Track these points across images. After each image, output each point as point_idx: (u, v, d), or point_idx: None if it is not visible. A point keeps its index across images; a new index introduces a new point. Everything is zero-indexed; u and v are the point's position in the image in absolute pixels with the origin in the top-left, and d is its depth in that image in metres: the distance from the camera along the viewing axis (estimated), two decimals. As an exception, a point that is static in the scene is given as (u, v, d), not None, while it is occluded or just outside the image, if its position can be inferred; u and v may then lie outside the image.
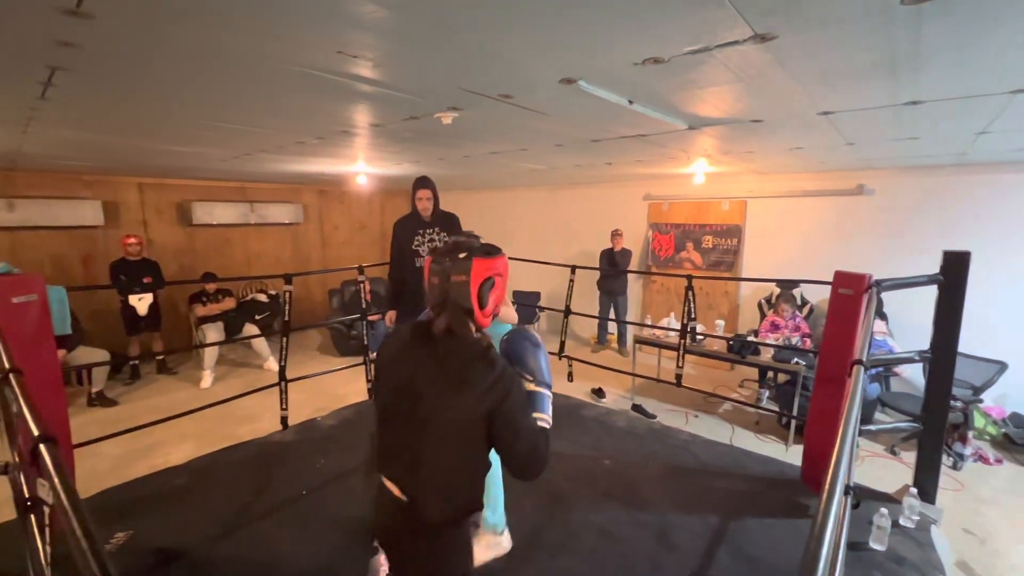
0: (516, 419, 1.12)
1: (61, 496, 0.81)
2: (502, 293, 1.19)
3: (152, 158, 3.76)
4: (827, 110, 2.13)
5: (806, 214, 5.09)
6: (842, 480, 0.87)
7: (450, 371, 1.12)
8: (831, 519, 0.78)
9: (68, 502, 0.79)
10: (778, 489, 2.70)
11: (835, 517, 0.78)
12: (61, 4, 1.06)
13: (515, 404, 1.11)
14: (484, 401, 1.08)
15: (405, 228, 3.20)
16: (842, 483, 0.87)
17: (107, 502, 2.51)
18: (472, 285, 1.11)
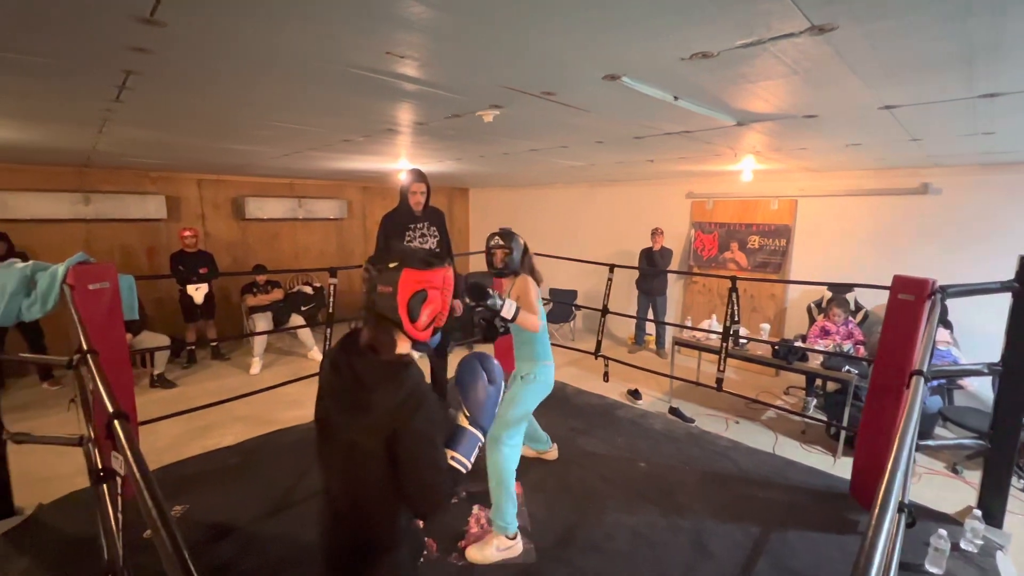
0: (415, 451, 1.02)
1: (133, 468, 0.87)
2: (439, 308, 1.11)
3: (211, 156, 3.98)
4: (890, 104, 2.00)
5: (863, 214, 4.81)
6: (896, 496, 0.82)
7: (358, 390, 1.04)
8: (882, 536, 0.74)
9: (139, 474, 0.86)
10: (825, 503, 2.58)
11: (887, 534, 0.74)
12: (137, 12, 1.13)
13: (416, 435, 1.01)
14: (382, 425, 1.00)
15: (395, 223, 3.09)
16: (895, 499, 0.82)
17: (166, 477, 2.69)
18: (399, 297, 1.05)
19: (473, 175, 6.11)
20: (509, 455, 2.19)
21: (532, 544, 2.21)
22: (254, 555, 2.09)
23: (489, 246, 2.31)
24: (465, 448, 1.11)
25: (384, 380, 1.04)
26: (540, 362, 2.32)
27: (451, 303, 1.16)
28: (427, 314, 1.08)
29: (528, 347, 2.34)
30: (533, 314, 2.18)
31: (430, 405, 1.05)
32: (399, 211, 3.13)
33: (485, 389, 1.15)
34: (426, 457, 1.04)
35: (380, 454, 1.01)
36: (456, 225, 8.79)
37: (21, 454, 2.34)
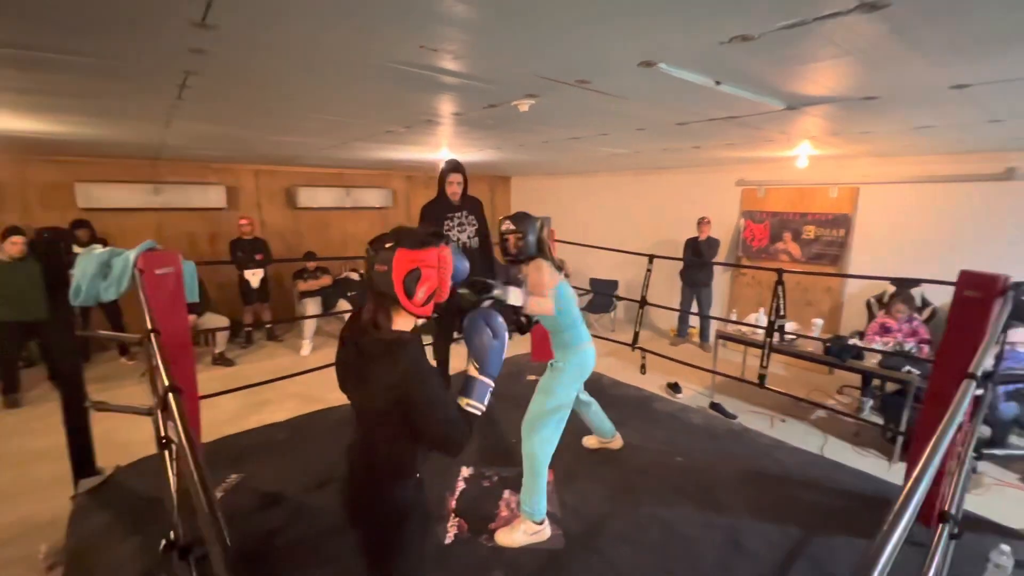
0: (421, 414, 1.14)
1: (181, 436, 0.96)
2: (435, 284, 1.18)
3: (265, 148, 4.20)
4: (962, 83, 1.83)
5: (936, 203, 4.43)
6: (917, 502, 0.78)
7: (362, 364, 1.18)
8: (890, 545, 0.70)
9: (186, 441, 0.94)
10: (875, 509, 2.44)
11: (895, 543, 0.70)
12: (191, 17, 1.22)
13: (419, 403, 1.13)
14: (387, 397, 1.13)
15: (433, 213, 3.13)
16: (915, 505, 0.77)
17: (224, 447, 2.92)
18: (394, 275, 1.12)
19: (514, 163, 6.11)
20: (541, 444, 2.18)
21: (561, 531, 2.24)
22: (303, 523, 2.24)
23: (501, 232, 2.18)
24: (477, 395, 1.24)
25: (383, 356, 1.14)
26: (572, 347, 2.26)
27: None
28: (423, 291, 1.16)
29: (558, 334, 2.29)
30: (543, 298, 2.07)
31: (428, 378, 1.16)
32: (438, 201, 3.18)
33: (489, 340, 1.25)
34: (434, 417, 1.16)
35: (392, 415, 1.15)
36: (498, 214, 8.84)
37: (103, 420, 2.60)
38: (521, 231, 2.14)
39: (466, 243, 3.21)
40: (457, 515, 2.34)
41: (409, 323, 1.23)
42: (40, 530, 2.49)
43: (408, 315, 1.20)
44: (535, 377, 4.25)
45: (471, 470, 2.72)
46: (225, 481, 2.55)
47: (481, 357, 1.25)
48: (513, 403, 3.60)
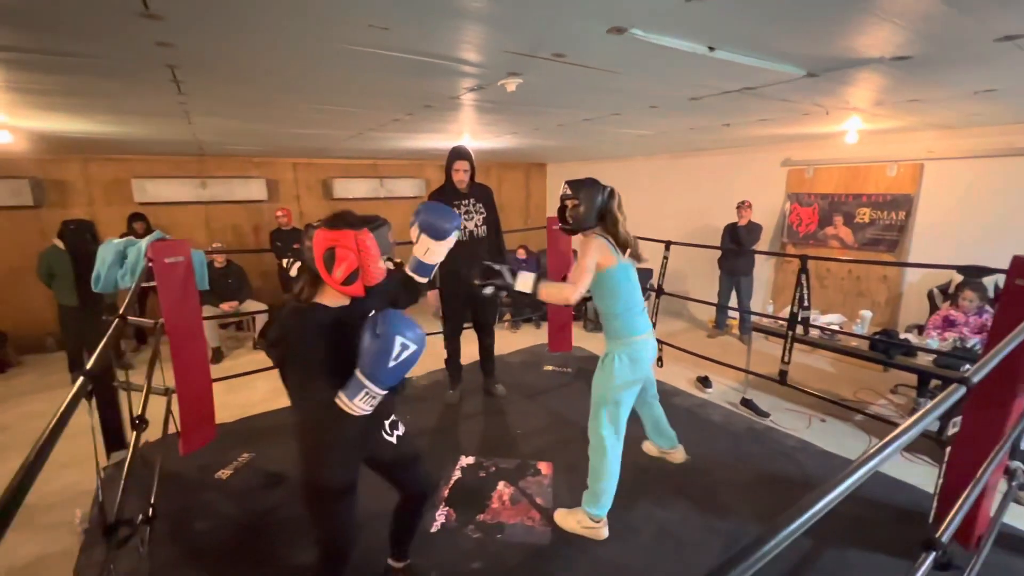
0: (288, 368, 1.36)
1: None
2: (354, 265, 1.28)
3: (287, 140, 4.35)
4: (1011, 33, 1.54)
5: (1011, 180, 3.87)
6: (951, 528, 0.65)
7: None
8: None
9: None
10: (903, 523, 2.19)
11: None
12: (133, 8, 1.23)
13: (287, 358, 1.34)
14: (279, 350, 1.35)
15: (440, 200, 3.02)
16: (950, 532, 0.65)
17: (243, 427, 3.08)
18: (315, 252, 1.28)
19: (547, 149, 5.97)
20: (598, 443, 2.05)
21: (550, 526, 2.18)
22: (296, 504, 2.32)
23: (560, 196, 2.03)
24: (348, 391, 1.25)
25: (287, 315, 1.34)
26: (621, 338, 2.03)
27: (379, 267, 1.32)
28: (341, 270, 1.27)
29: (608, 322, 2.07)
30: (570, 282, 1.86)
31: (297, 342, 1.31)
32: (444, 189, 3.11)
33: (369, 341, 1.25)
34: (292, 375, 1.37)
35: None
36: (533, 200, 8.73)
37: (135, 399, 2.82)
38: (577, 197, 1.96)
39: (473, 231, 3.15)
40: (448, 504, 2.33)
41: (338, 299, 1.36)
42: (82, 497, 2.74)
43: (335, 292, 1.34)
44: (552, 367, 4.20)
45: (470, 460, 2.70)
46: (237, 460, 2.69)
47: (361, 356, 1.26)
48: (524, 393, 3.56)
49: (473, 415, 3.28)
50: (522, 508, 2.29)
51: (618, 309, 2.03)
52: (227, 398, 3.86)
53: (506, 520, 2.21)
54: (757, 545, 0.59)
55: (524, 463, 2.66)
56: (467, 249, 3.10)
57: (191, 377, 2.49)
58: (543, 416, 3.21)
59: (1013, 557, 1.99)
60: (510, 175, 8.34)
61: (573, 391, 3.61)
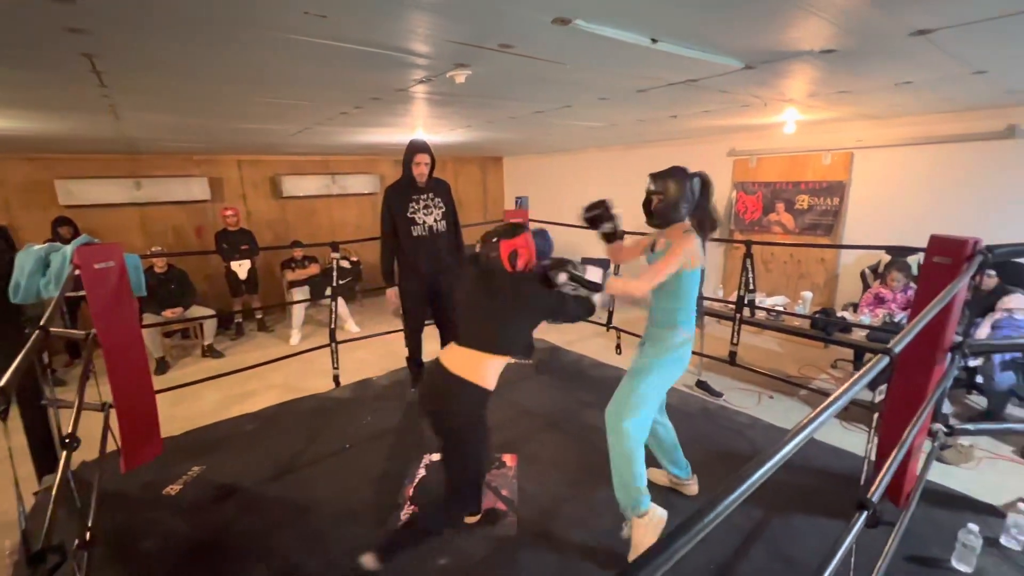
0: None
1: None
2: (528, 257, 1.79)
3: (235, 136, 4.13)
4: (922, 28, 1.66)
5: (933, 166, 4.19)
6: (881, 488, 0.68)
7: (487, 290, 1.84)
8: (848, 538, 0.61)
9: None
10: (845, 487, 2.36)
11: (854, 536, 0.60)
12: (37, -9, 1.13)
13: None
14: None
15: (398, 195, 3.01)
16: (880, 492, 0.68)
17: (193, 439, 2.93)
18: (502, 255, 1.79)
19: (502, 143, 5.95)
20: (632, 434, 1.87)
21: (515, 517, 2.20)
22: (252, 516, 2.24)
23: (646, 189, 1.98)
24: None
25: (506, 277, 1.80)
26: (680, 329, 1.94)
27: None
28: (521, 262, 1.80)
29: (665, 308, 1.93)
30: (642, 279, 1.76)
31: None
32: (402, 183, 3.04)
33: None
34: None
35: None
36: (490, 194, 8.70)
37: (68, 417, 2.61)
38: (661, 191, 1.89)
39: (432, 226, 3.08)
40: (413, 502, 2.31)
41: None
42: (11, 527, 2.53)
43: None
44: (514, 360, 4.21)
45: (435, 457, 2.68)
46: (186, 474, 2.56)
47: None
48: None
49: (436, 412, 3.26)
50: (488, 501, 2.30)
51: (683, 306, 1.95)
52: (174, 410, 3.66)
53: (472, 514, 2.21)
54: (700, 516, 0.62)
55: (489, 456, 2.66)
56: (427, 245, 3.06)
57: (130, 390, 2.34)
58: (506, 409, 3.23)
59: (936, 510, 2.17)
60: (466, 169, 8.27)
61: (534, 384, 3.65)
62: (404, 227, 3.00)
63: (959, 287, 1.57)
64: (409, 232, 3.00)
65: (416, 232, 3.00)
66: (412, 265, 3.05)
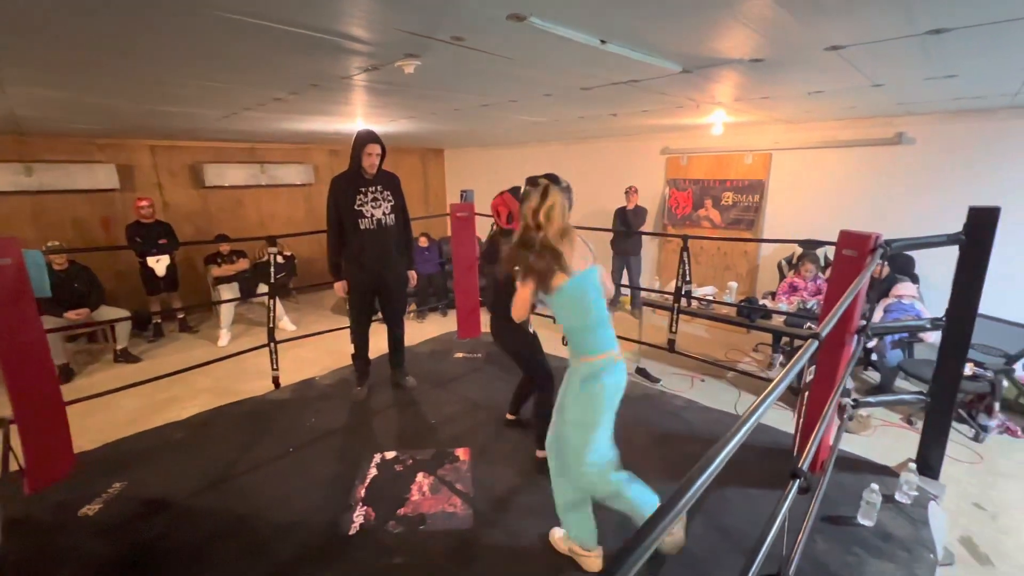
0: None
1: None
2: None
3: (149, 119, 3.76)
4: (835, 44, 1.85)
5: (838, 167, 4.67)
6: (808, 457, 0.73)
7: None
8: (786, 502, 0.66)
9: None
10: (770, 459, 2.59)
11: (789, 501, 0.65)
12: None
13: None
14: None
15: (346, 186, 2.87)
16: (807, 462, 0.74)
17: (111, 453, 2.66)
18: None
19: (444, 135, 5.87)
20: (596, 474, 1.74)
21: (471, 510, 2.21)
22: (186, 530, 2.08)
23: None
24: None
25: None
26: (580, 358, 1.73)
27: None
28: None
29: (569, 336, 1.76)
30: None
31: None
32: (350, 174, 2.89)
33: None
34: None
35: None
36: (432, 187, 8.57)
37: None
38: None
39: (381, 219, 2.97)
40: (365, 503, 2.25)
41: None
42: None
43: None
44: (462, 354, 4.21)
45: (387, 455, 2.63)
46: (106, 492, 2.32)
47: None
48: (435, 382, 3.53)
49: (385, 409, 3.19)
50: (443, 496, 2.30)
51: (577, 325, 1.75)
52: (87, 422, 3.31)
53: (427, 511, 2.20)
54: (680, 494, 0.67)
55: (441, 452, 2.66)
56: (375, 238, 2.96)
57: (34, 401, 2.09)
58: (456, 403, 3.23)
59: (844, 475, 2.45)
60: (406, 160, 8.08)
61: (484, 376, 3.67)
62: (351, 220, 2.89)
63: (867, 277, 1.77)
64: (356, 225, 2.90)
65: (364, 225, 2.90)
66: (358, 259, 2.95)
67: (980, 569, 2.30)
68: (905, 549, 1.97)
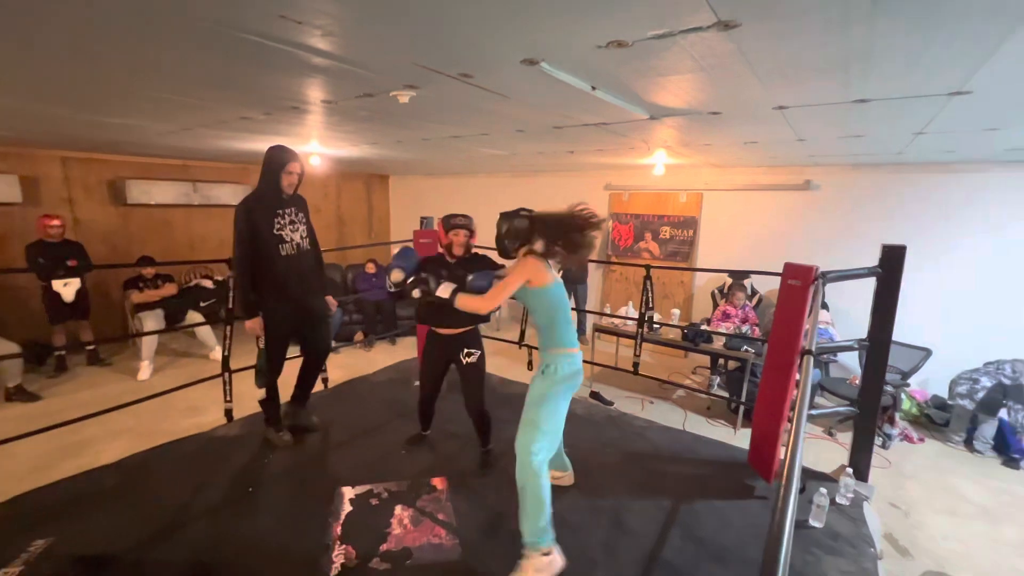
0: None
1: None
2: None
3: (78, 129, 3.41)
4: (782, 104, 2.17)
5: (758, 207, 5.28)
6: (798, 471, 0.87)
7: None
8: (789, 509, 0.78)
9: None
10: (727, 472, 2.80)
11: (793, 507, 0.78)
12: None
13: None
14: None
15: (263, 209, 2.62)
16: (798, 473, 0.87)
17: (23, 507, 2.29)
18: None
19: (392, 161, 5.86)
20: (538, 471, 1.95)
21: (457, 540, 2.17)
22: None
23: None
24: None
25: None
26: (552, 349, 2.08)
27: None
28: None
29: (544, 332, 2.10)
30: (484, 298, 2.07)
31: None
32: (266, 196, 2.64)
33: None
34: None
35: None
36: (376, 213, 8.42)
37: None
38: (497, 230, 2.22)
39: (300, 243, 2.73)
40: (343, 542, 2.13)
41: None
42: None
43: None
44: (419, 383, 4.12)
45: (357, 489, 2.51)
46: (27, 550, 2.00)
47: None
48: (398, 412, 3.43)
49: (350, 441, 3.04)
50: (426, 528, 2.23)
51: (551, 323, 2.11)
52: (-17, 473, 2.82)
53: (411, 544, 2.13)
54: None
55: (417, 482, 2.58)
56: (296, 264, 2.69)
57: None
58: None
59: (793, 482, 2.71)
60: (350, 186, 7.91)
61: (448, 403, 3.62)
62: (270, 247, 2.60)
63: (818, 302, 2.05)
64: (277, 251, 2.62)
65: (284, 251, 2.64)
66: (281, 288, 2.66)
67: (902, 560, 2.62)
68: (851, 545, 2.22)
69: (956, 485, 3.32)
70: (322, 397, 3.69)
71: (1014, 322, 4.05)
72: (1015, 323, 4.04)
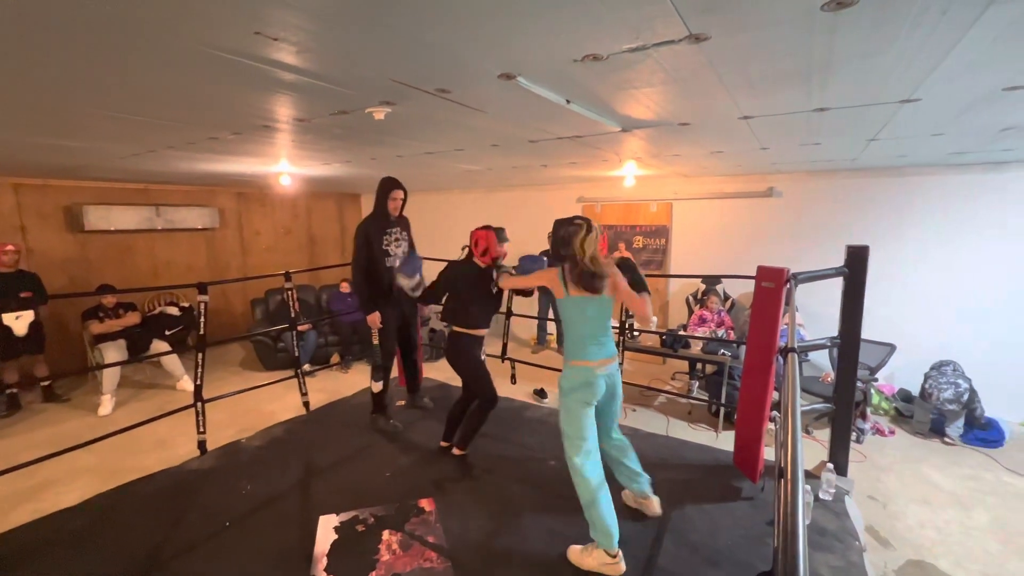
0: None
1: None
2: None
3: (32, 154, 3.26)
4: (748, 115, 2.26)
5: (725, 214, 5.46)
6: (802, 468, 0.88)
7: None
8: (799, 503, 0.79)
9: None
10: (713, 475, 2.83)
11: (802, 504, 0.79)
12: None
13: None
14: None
15: (377, 229, 3.21)
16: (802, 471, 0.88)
17: (-19, 558, 2.12)
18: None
19: (365, 179, 5.81)
20: (577, 471, 2.11)
21: (450, 562, 2.11)
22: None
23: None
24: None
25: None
26: (568, 359, 2.22)
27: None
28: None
29: (563, 343, 2.29)
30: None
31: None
32: (378, 218, 3.23)
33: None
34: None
35: None
36: (348, 233, 8.30)
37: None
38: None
39: (401, 257, 3.31)
40: (330, 571, 2.04)
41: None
42: None
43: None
44: (405, 401, 4.04)
45: (342, 516, 2.42)
46: (-20, 605, 1.84)
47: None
48: (382, 435, 3.35)
49: (331, 467, 2.94)
50: (416, 552, 2.17)
51: (566, 333, 2.26)
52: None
53: (402, 570, 2.06)
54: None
55: (404, 505, 2.51)
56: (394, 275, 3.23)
57: None
58: (409, 453, 3.09)
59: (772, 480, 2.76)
60: (321, 205, 7.80)
61: (432, 423, 3.55)
62: (379, 259, 3.19)
63: (792, 302, 2.11)
64: (383, 264, 3.20)
65: (389, 263, 3.23)
66: (386, 293, 3.23)
67: (884, 551, 2.69)
68: (838, 540, 2.26)
69: (928, 475, 3.44)
70: (300, 422, 3.58)
71: (969, 315, 4.28)
72: (970, 315, 4.28)
